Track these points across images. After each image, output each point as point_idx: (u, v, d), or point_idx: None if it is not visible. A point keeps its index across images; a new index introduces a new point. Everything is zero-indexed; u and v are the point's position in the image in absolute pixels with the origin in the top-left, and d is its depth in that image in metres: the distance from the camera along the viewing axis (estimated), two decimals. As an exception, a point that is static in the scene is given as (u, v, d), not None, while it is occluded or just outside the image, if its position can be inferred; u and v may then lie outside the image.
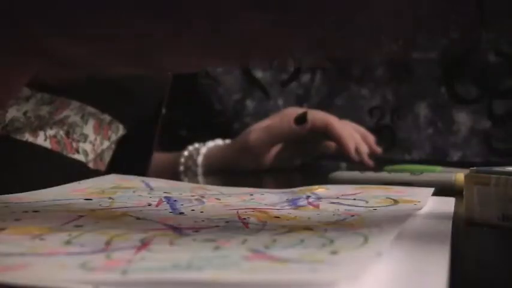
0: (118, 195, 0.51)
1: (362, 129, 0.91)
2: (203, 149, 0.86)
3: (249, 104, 1.16)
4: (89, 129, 0.68)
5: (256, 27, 0.32)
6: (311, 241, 0.34)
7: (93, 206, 0.45)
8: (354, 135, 0.86)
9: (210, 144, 0.88)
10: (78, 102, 0.65)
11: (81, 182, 0.57)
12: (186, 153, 0.87)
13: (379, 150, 0.89)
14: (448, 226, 0.40)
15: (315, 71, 1.15)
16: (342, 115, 1.13)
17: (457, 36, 1.09)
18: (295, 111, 0.85)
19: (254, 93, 1.16)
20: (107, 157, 0.73)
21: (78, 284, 0.26)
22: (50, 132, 0.64)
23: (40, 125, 0.63)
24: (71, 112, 0.65)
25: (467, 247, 0.39)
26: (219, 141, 0.89)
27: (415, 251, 0.34)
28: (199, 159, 0.85)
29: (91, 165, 0.70)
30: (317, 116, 0.84)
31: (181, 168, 0.86)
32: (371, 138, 0.90)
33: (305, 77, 1.15)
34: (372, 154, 0.87)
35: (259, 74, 1.16)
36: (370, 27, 0.33)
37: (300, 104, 1.15)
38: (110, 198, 0.49)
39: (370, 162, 0.85)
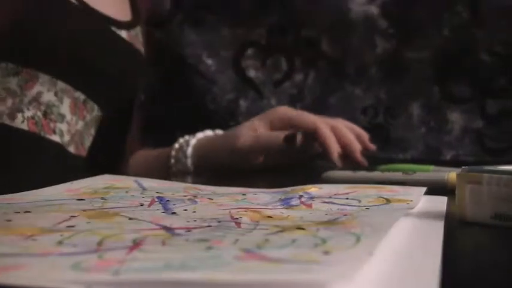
0: (110, 195, 0.51)
1: (356, 128, 0.89)
2: (193, 141, 0.85)
3: (242, 103, 1.16)
4: (65, 108, 0.68)
5: None
6: (303, 241, 0.34)
7: (85, 206, 0.45)
8: (347, 135, 0.84)
9: (200, 135, 0.86)
10: (46, 75, 0.65)
11: (74, 182, 0.57)
12: (176, 145, 0.85)
13: (373, 147, 0.87)
14: (440, 225, 0.40)
15: (309, 70, 1.15)
16: (335, 114, 1.14)
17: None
18: (285, 110, 0.85)
19: (247, 93, 1.16)
20: (87, 142, 0.73)
21: (71, 284, 0.26)
22: (28, 113, 0.64)
23: (14, 103, 0.63)
24: (43, 88, 0.65)
25: (460, 246, 0.39)
26: (208, 132, 0.88)
27: (408, 250, 0.34)
28: (189, 150, 0.84)
29: (72, 149, 0.69)
30: (307, 119, 0.83)
31: (172, 161, 0.84)
32: (365, 136, 0.88)
33: (298, 77, 1.15)
34: (367, 152, 0.86)
35: (252, 73, 1.16)
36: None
37: (293, 103, 1.15)
38: (102, 198, 0.49)
39: (364, 161, 0.83)
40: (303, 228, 0.37)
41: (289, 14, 1.15)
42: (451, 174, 0.59)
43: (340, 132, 0.84)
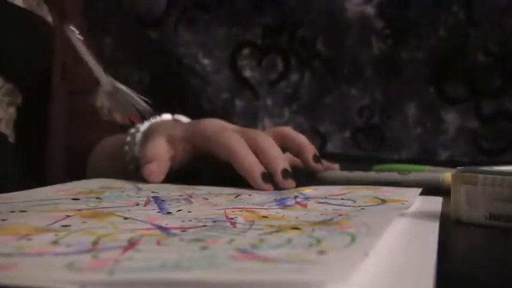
0: (106, 195, 0.51)
1: (298, 139, 0.68)
2: (143, 126, 0.72)
3: (238, 103, 1.16)
4: None
5: None
6: (298, 241, 0.34)
7: (81, 206, 0.45)
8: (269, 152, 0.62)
9: (154, 120, 0.73)
10: None
11: (69, 183, 0.57)
12: (132, 130, 0.73)
13: (318, 167, 0.67)
14: (435, 225, 0.40)
15: (304, 71, 1.15)
16: (331, 114, 1.14)
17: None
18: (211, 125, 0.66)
19: (243, 93, 1.16)
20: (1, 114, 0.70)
21: (65, 284, 0.26)
22: None
23: None
24: None
25: (455, 246, 0.39)
26: (166, 116, 0.75)
27: (403, 250, 0.35)
28: (138, 136, 0.71)
29: None
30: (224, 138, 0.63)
31: (126, 148, 0.72)
32: (309, 151, 0.67)
33: (294, 77, 1.15)
34: (310, 170, 0.68)
35: (248, 73, 1.16)
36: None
37: (289, 103, 1.15)
38: (98, 198, 0.49)
39: (286, 183, 0.60)
40: (298, 228, 0.37)
41: (284, 14, 1.15)
42: (446, 175, 0.59)
43: (260, 146, 0.63)
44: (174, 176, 0.63)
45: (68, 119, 0.83)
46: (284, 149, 0.68)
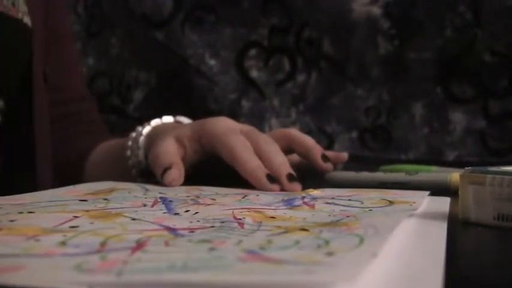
0: (113, 196, 0.51)
1: (305, 141, 0.69)
2: (146, 128, 0.72)
3: (245, 104, 1.16)
4: None
5: None
6: (306, 242, 0.34)
7: (88, 207, 0.45)
8: (272, 157, 0.62)
9: (155, 122, 0.74)
10: None
11: (76, 185, 0.57)
12: (133, 134, 0.73)
13: (327, 166, 0.67)
14: (443, 226, 0.40)
15: (311, 71, 1.15)
16: (337, 115, 1.14)
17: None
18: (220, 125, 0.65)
19: (250, 94, 1.16)
20: None
21: (73, 285, 0.26)
22: None
23: None
24: None
25: (463, 247, 0.39)
26: (168, 119, 0.75)
27: (411, 251, 0.34)
28: (141, 139, 0.71)
29: None
30: (230, 140, 0.63)
31: (128, 152, 0.72)
32: (317, 152, 0.68)
33: (301, 77, 1.15)
34: (319, 171, 0.68)
35: (254, 73, 1.16)
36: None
37: (295, 104, 1.15)
38: (105, 199, 0.49)
39: (292, 186, 0.59)
40: (306, 229, 0.37)
41: (291, 14, 1.15)
42: (453, 175, 0.59)
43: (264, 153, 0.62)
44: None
45: (61, 127, 0.84)
46: (291, 151, 0.68)
